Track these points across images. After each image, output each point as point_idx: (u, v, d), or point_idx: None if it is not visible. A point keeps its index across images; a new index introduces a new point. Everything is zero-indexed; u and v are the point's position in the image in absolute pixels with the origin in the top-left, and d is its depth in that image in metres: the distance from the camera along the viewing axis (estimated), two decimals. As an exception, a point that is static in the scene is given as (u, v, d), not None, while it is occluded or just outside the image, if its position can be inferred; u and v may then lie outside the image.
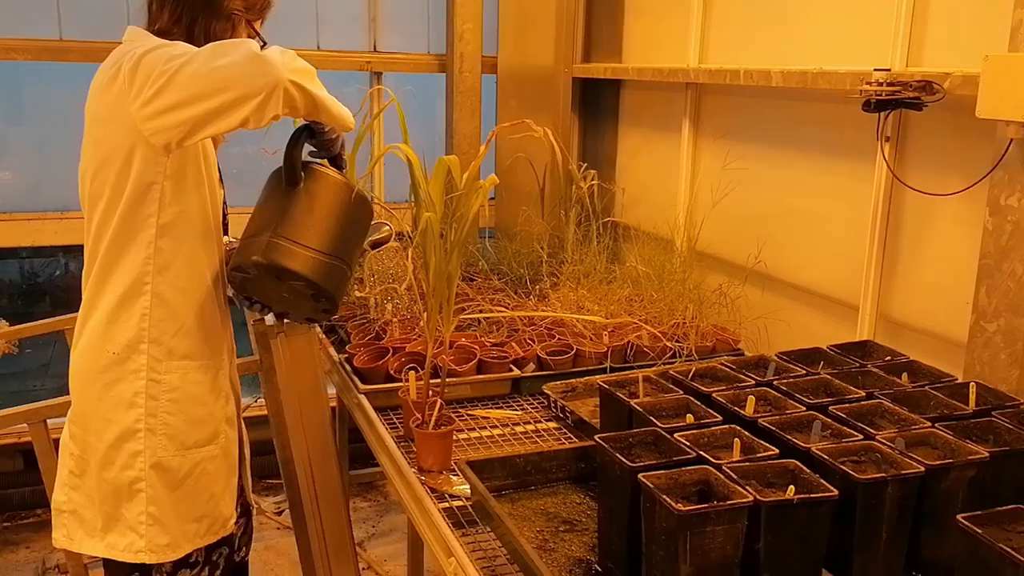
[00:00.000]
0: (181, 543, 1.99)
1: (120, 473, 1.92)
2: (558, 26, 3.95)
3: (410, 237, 2.61)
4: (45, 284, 5.57)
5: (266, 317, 2.22)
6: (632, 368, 2.58)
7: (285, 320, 2.13)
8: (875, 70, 2.10)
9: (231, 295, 2.11)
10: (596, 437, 1.65)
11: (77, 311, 3.12)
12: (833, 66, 2.46)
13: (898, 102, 2.06)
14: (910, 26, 2.27)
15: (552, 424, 2.32)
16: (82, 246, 1.93)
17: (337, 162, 2.03)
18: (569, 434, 2.26)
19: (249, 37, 1.99)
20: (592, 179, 3.43)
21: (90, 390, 1.93)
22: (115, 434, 1.91)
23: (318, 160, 2.01)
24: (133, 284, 1.88)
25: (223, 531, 2.09)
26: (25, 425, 2.66)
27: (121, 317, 1.90)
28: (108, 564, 2.03)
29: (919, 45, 2.28)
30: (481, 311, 2.79)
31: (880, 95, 2.05)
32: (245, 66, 1.70)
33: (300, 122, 1.96)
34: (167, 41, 1.82)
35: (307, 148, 1.97)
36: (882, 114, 2.14)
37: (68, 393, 2.01)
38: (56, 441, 2.67)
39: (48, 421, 2.66)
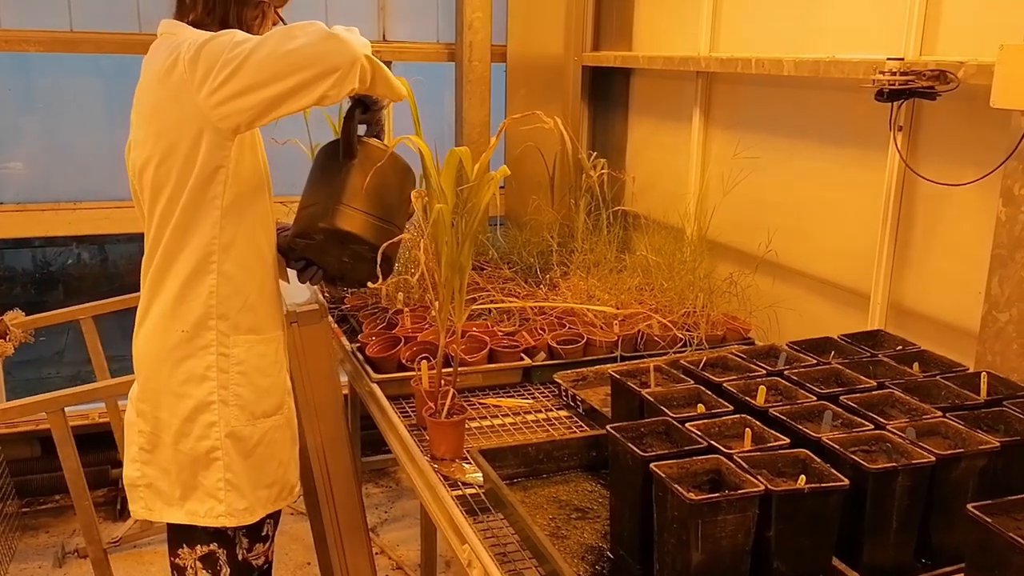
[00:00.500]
0: (256, 508, 2.09)
1: (196, 444, 2.01)
2: (568, 14, 3.94)
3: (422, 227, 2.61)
4: (58, 273, 5.59)
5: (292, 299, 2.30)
6: (643, 357, 2.59)
7: (338, 285, 2.27)
8: (888, 59, 2.09)
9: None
10: (608, 427, 1.66)
11: (89, 300, 3.15)
12: (846, 54, 2.45)
13: (911, 92, 2.05)
14: (924, 14, 2.26)
15: (563, 413, 2.34)
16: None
17: (379, 135, 2.16)
18: (580, 423, 2.28)
19: (274, 23, 2.07)
20: (602, 168, 3.43)
21: (160, 368, 2.01)
22: (189, 407, 2.00)
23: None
24: (200, 264, 1.96)
25: (291, 497, 2.19)
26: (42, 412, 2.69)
27: (188, 296, 1.97)
28: (187, 535, 2.11)
29: (933, 33, 2.27)
30: (492, 301, 2.80)
31: (893, 85, 2.05)
32: (323, 44, 1.79)
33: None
34: (221, 31, 1.87)
35: None
36: (895, 104, 2.13)
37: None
38: (73, 428, 2.72)
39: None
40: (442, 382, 2.13)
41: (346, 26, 1.87)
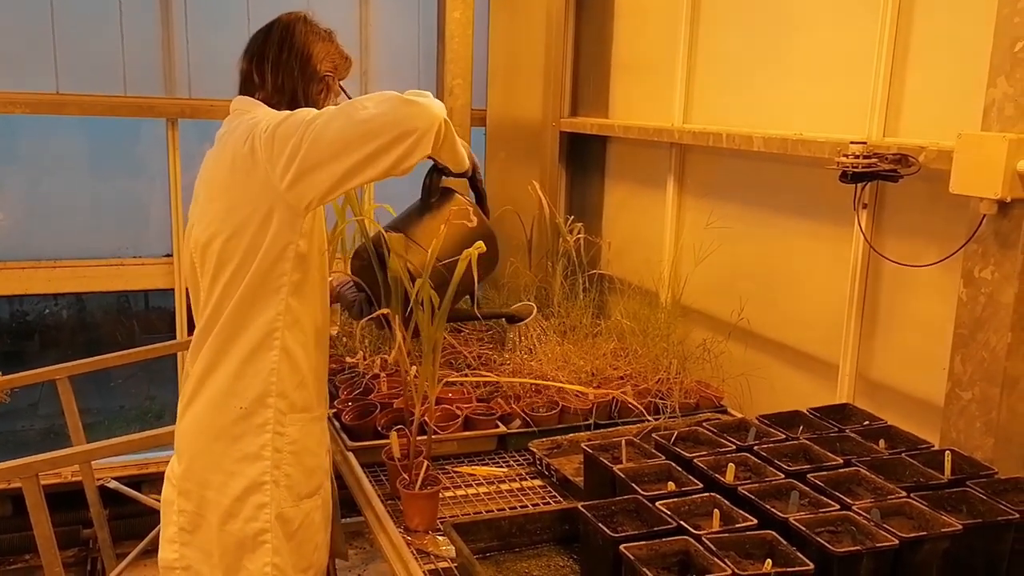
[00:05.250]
0: None
1: (244, 525, 1.97)
2: (546, 81, 4.02)
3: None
4: (35, 323, 5.57)
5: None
6: (617, 424, 2.62)
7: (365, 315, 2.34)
8: (851, 143, 2.16)
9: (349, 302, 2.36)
10: (579, 505, 1.68)
11: (66, 351, 3.15)
12: (813, 132, 2.53)
13: (874, 174, 2.12)
14: (887, 96, 2.34)
15: (537, 482, 2.35)
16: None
17: (483, 200, 2.35)
18: (554, 492, 2.29)
19: (336, 95, 2.15)
20: (579, 232, 3.48)
21: (213, 446, 1.98)
22: (241, 487, 1.97)
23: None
24: (264, 339, 1.96)
25: None
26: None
27: (248, 372, 1.96)
28: None
29: (896, 115, 2.34)
30: (469, 367, 2.82)
31: (856, 167, 2.11)
32: (401, 109, 1.82)
33: None
34: (295, 111, 1.91)
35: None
36: (859, 184, 2.20)
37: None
38: (45, 487, 2.68)
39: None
40: (416, 452, 2.14)
41: (417, 90, 1.91)
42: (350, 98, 1.99)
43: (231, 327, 1.96)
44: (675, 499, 1.70)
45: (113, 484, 3.39)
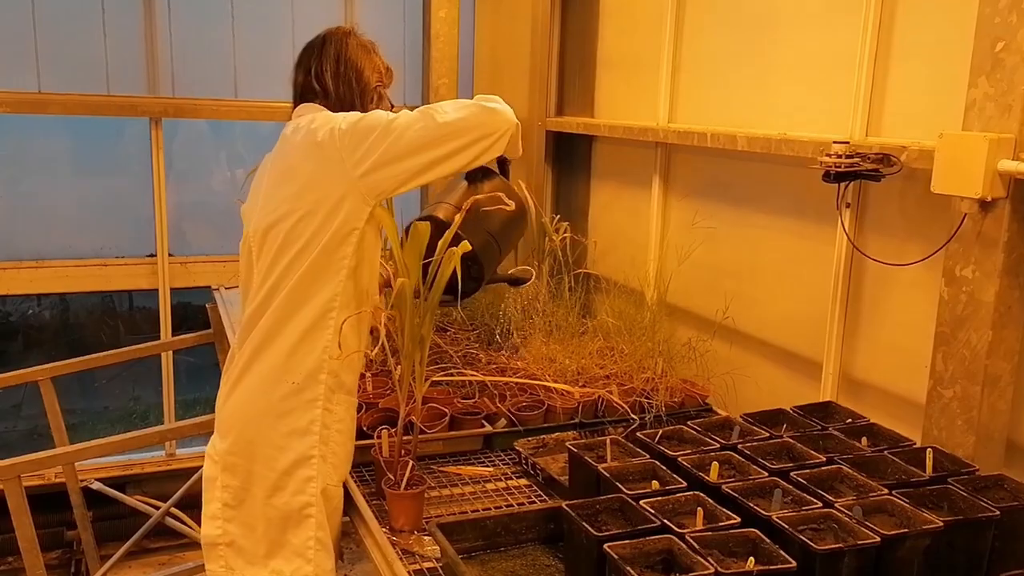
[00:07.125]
0: (334, 572, 2.11)
1: (291, 499, 2.03)
2: (532, 80, 4.03)
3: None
4: (18, 323, 5.53)
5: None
6: (603, 423, 2.62)
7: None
8: (834, 142, 2.17)
9: None
10: (563, 505, 1.69)
11: (49, 352, 3.14)
12: (797, 132, 2.54)
13: (857, 174, 2.13)
14: (869, 97, 2.35)
15: (523, 481, 2.35)
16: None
17: (504, 168, 2.36)
18: (539, 491, 2.29)
19: (382, 100, 2.28)
20: (564, 231, 3.49)
21: (263, 420, 2.04)
22: (289, 461, 2.03)
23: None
24: (320, 318, 2.04)
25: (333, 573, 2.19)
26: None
27: (303, 348, 2.04)
28: None
29: (878, 114, 2.36)
30: (455, 367, 2.82)
31: (839, 167, 2.13)
32: (482, 115, 2.04)
33: None
34: (367, 112, 2.08)
35: None
36: (842, 184, 2.21)
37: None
38: (27, 488, 2.67)
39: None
40: (402, 452, 2.14)
41: (486, 95, 2.09)
42: (393, 106, 2.14)
43: (289, 305, 2.03)
44: (659, 498, 1.71)
45: (97, 485, 3.38)
